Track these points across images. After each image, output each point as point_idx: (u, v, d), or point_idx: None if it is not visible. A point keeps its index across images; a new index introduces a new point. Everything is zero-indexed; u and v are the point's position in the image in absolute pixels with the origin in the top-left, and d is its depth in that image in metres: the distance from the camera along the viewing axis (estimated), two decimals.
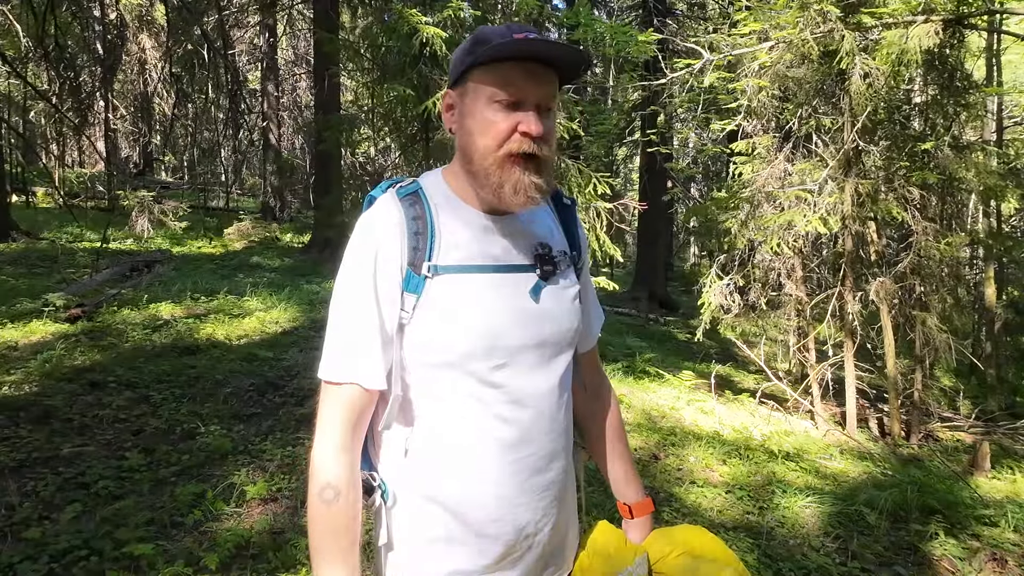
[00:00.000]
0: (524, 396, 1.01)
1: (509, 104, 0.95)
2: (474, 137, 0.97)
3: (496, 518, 1.01)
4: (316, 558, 0.98)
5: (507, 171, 0.96)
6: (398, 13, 4.82)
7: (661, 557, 1.15)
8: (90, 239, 10.20)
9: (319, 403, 1.03)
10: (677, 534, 1.20)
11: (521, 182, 0.96)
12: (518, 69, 0.94)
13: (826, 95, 5.88)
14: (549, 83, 0.97)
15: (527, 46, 0.92)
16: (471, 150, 0.98)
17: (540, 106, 0.96)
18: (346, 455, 0.99)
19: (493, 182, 0.97)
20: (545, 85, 0.96)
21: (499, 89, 0.95)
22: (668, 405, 5.46)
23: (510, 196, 0.96)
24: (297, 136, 20.05)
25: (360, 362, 0.98)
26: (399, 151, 5.83)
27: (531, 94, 0.95)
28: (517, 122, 0.95)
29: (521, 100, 0.95)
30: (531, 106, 0.95)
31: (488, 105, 0.96)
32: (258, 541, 2.64)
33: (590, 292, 1.21)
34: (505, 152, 0.95)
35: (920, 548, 3.21)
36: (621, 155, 21.20)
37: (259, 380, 4.50)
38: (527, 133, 0.94)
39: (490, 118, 0.96)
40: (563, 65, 0.97)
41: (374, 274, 0.98)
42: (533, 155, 0.95)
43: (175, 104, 15.83)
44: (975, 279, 8.55)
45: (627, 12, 17.04)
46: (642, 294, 13.35)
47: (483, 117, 0.96)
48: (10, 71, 12.27)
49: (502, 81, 0.94)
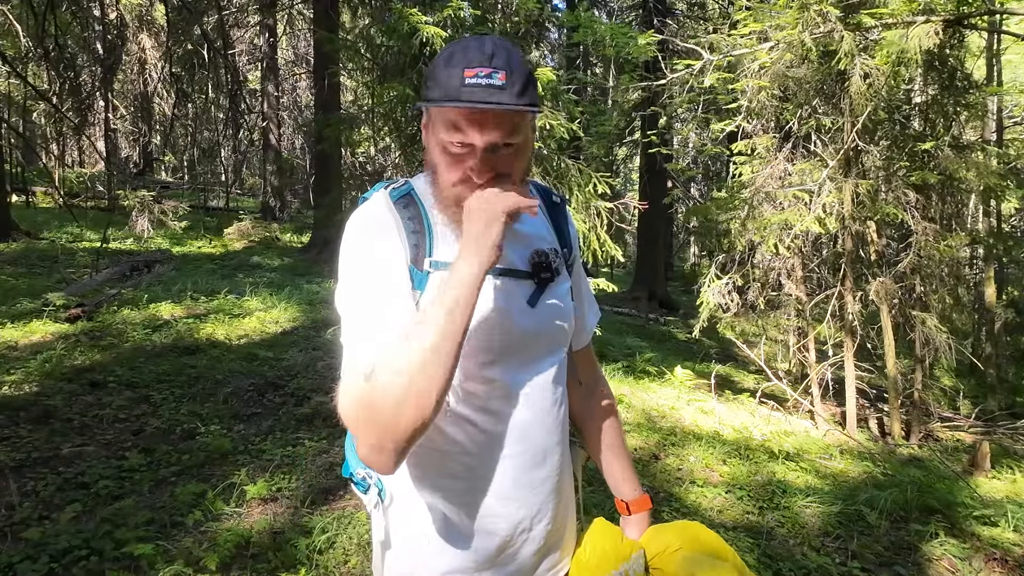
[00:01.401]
0: (519, 392, 1.02)
1: (461, 146, 0.93)
2: (436, 165, 0.98)
3: (492, 514, 1.02)
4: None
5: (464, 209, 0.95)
6: (398, 13, 4.82)
7: (658, 552, 1.15)
8: (90, 239, 10.21)
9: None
10: (674, 530, 1.21)
11: None
12: (465, 115, 0.91)
13: (826, 95, 5.89)
14: (502, 125, 0.92)
15: (465, 104, 0.89)
16: (435, 178, 0.99)
17: (496, 145, 0.93)
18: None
19: (452, 214, 0.98)
20: (495, 129, 0.91)
21: (447, 133, 0.93)
22: (668, 405, 5.46)
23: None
24: (297, 136, 20.07)
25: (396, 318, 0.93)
26: (399, 151, 5.83)
27: (480, 139, 0.92)
28: (468, 167, 0.94)
29: (470, 145, 0.92)
30: (482, 150, 0.92)
31: (440, 147, 0.95)
32: (258, 541, 2.64)
33: (583, 288, 1.21)
34: (460, 192, 0.95)
35: (920, 548, 3.21)
36: (621, 155, 21.22)
37: (259, 380, 4.50)
38: (474, 182, 0.94)
39: (443, 161, 0.96)
40: (509, 110, 0.92)
41: (387, 259, 0.97)
42: None
43: (175, 104, 15.83)
44: (975, 279, 8.55)
45: (627, 12, 17.06)
46: (642, 294, 13.36)
47: (439, 156, 0.96)
48: (10, 71, 12.27)
49: (449, 125, 0.92)
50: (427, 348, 0.84)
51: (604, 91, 16.58)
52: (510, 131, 0.93)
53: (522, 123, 0.95)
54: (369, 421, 0.85)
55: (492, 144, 0.92)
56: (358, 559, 2.61)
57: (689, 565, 1.11)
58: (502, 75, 0.90)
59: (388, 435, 0.84)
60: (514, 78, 0.90)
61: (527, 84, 0.92)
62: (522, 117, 0.94)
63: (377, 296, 0.95)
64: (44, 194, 14.09)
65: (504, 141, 0.93)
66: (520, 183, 0.99)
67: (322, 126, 6.79)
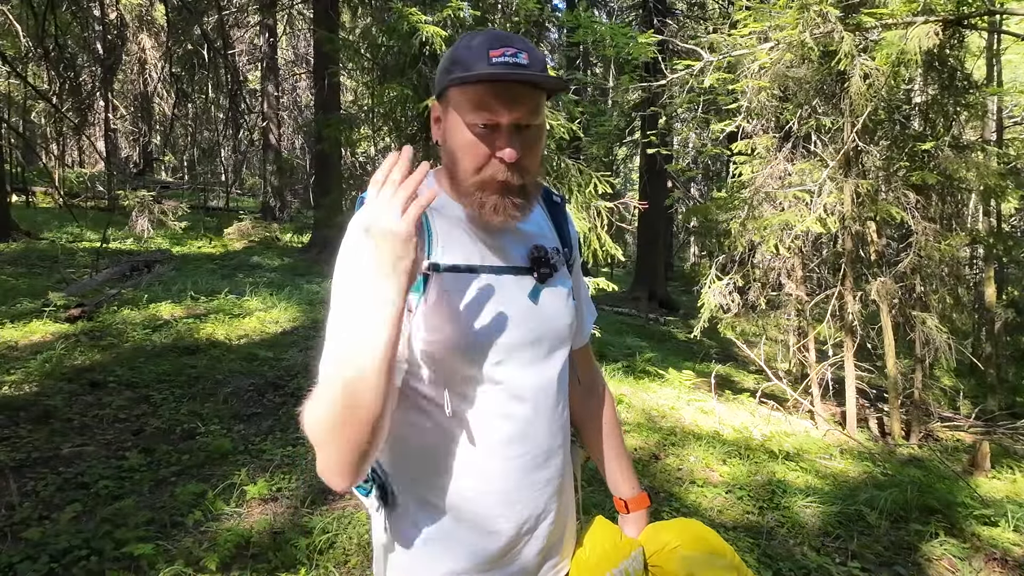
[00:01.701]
0: (523, 392, 1.02)
1: (485, 127, 0.95)
2: (456, 156, 0.98)
3: (496, 514, 1.02)
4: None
5: (487, 193, 0.97)
6: (398, 12, 4.82)
7: (657, 551, 1.15)
8: (90, 239, 10.21)
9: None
10: (673, 528, 1.20)
11: (500, 204, 0.97)
12: (493, 91, 0.93)
13: (826, 95, 5.89)
14: (526, 102, 0.94)
15: (500, 73, 0.92)
16: (454, 168, 1.00)
17: (520, 125, 0.95)
18: None
19: (475, 202, 0.98)
20: (521, 105, 0.94)
21: (474, 112, 0.94)
22: (668, 405, 5.46)
23: (490, 215, 0.97)
24: (297, 136, 20.06)
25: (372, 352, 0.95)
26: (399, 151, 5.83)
27: (507, 116, 0.94)
28: (494, 147, 0.95)
29: (497, 123, 0.94)
30: (508, 128, 0.94)
31: (465, 128, 0.96)
32: (258, 541, 2.64)
33: (582, 289, 1.23)
34: (484, 177, 0.96)
35: (920, 548, 3.21)
36: (621, 155, 21.22)
37: (259, 380, 4.50)
38: (502, 160, 0.95)
39: (468, 141, 0.96)
40: (542, 85, 0.96)
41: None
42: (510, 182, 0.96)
43: (175, 104, 15.84)
44: (975, 279, 8.55)
45: (627, 12, 17.07)
46: (642, 294, 13.36)
47: (462, 139, 0.97)
48: (10, 71, 12.27)
49: (477, 104, 0.94)
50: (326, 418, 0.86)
51: (604, 91, 16.57)
52: (533, 110, 0.96)
53: (541, 105, 0.98)
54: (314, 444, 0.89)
55: (517, 122, 0.94)
56: (358, 559, 2.61)
57: (688, 564, 1.11)
58: (525, 56, 0.94)
59: (328, 462, 0.88)
60: (534, 59, 0.94)
61: (544, 68, 0.96)
62: (541, 98, 0.97)
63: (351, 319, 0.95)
64: (44, 194, 14.09)
65: (527, 122, 0.95)
66: (536, 178, 1.01)
67: (322, 126, 6.79)
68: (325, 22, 9.98)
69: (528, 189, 1.00)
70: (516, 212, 0.98)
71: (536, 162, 1.00)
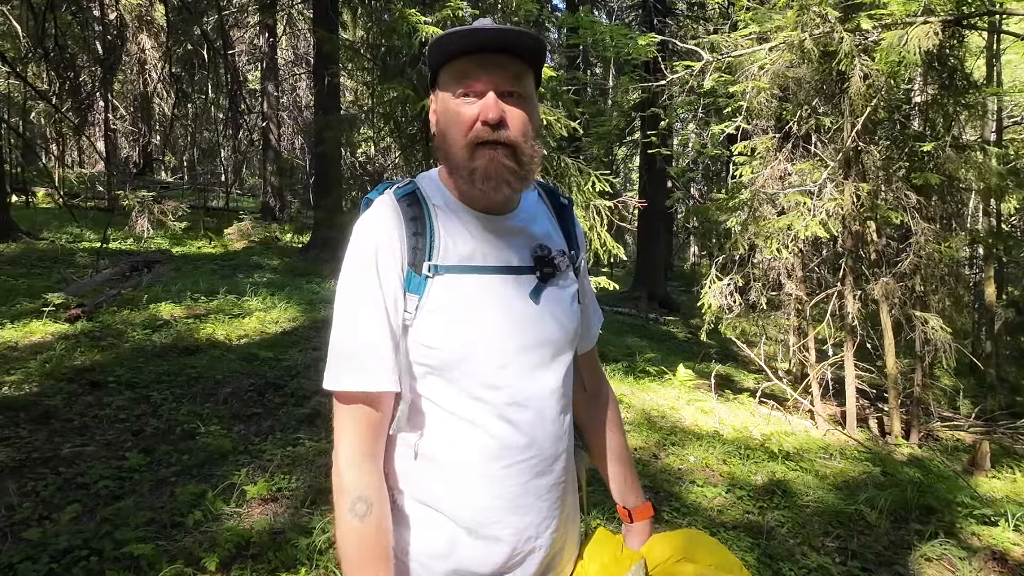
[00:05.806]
0: (526, 397, 1.00)
1: (469, 96, 0.98)
2: (446, 133, 1.00)
3: (499, 520, 1.00)
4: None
5: (476, 158, 0.98)
6: (398, 13, 4.83)
7: (659, 563, 1.13)
8: (90, 239, 10.20)
9: (334, 416, 1.00)
10: (676, 539, 1.18)
11: (490, 166, 0.97)
12: (472, 62, 0.97)
13: (826, 95, 5.89)
14: (505, 67, 0.97)
15: (469, 37, 0.96)
16: (447, 148, 1.01)
17: (502, 92, 0.98)
18: (372, 462, 0.98)
19: (466, 171, 0.98)
20: (500, 70, 0.97)
21: (456, 84, 0.98)
22: (668, 405, 5.46)
23: (482, 182, 0.97)
24: (297, 136, 20.04)
25: (375, 366, 0.96)
26: (399, 151, 5.84)
27: (487, 82, 0.97)
28: (479, 114, 0.97)
29: (480, 90, 0.97)
30: (491, 96, 0.97)
31: (452, 100, 0.99)
32: (258, 541, 2.64)
33: (588, 292, 1.21)
34: (471, 140, 0.97)
35: (920, 548, 3.21)
36: (621, 155, 21.22)
37: (259, 380, 4.50)
38: (486, 122, 0.96)
39: (454, 112, 0.99)
40: (519, 50, 0.98)
41: (377, 276, 0.97)
42: (497, 141, 0.97)
43: (175, 104, 15.82)
44: (975, 279, 8.55)
45: (627, 12, 17.07)
46: (642, 294, 13.35)
47: (450, 112, 1.00)
48: (10, 71, 12.27)
49: (457, 75, 0.98)
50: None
51: (604, 91, 16.57)
52: (513, 76, 0.98)
53: (524, 75, 1.00)
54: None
55: (506, 82, 0.97)
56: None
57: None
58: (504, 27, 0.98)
59: None
60: (510, 28, 0.98)
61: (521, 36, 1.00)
62: (523, 68, 1.00)
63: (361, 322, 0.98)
64: (44, 194, 14.08)
65: (509, 88, 0.98)
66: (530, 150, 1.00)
67: (322, 126, 6.80)
68: (325, 22, 9.97)
69: (520, 155, 0.99)
70: (509, 176, 0.98)
71: (525, 131, 1.00)
